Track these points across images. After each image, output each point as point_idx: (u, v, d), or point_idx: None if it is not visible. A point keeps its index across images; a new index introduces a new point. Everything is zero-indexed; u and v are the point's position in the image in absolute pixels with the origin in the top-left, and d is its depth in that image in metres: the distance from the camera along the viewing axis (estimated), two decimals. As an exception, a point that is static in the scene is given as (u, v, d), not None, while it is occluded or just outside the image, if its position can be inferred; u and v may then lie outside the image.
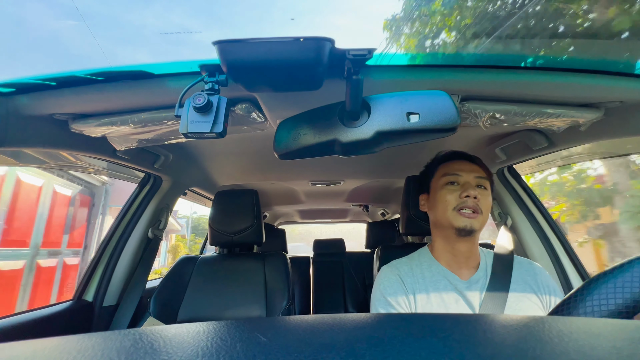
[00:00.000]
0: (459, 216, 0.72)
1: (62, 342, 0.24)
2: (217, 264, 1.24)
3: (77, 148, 0.80)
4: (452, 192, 0.75)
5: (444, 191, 0.77)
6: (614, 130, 0.75)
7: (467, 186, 0.74)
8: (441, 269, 0.77)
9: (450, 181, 0.77)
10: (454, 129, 0.47)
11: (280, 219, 3.17)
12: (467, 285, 0.74)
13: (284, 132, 0.55)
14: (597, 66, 0.60)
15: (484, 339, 0.23)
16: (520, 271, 0.76)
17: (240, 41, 0.41)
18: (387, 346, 0.22)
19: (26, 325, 0.89)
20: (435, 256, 0.80)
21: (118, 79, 0.61)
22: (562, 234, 1.14)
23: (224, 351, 0.21)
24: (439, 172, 0.82)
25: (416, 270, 0.79)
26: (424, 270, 0.78)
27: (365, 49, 0.43)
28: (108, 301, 1.16)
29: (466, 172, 0.77)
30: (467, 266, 0.77)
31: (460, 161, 0.81)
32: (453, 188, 0.76)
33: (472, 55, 0.60)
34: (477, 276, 0.75)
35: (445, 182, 0.78)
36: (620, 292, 0.31)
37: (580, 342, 0.22)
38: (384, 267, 0.84)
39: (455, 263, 0.77)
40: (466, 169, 0.78)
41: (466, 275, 0.76)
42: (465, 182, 0.76)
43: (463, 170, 0.77)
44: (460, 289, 0.73)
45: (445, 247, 0.78)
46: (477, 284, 0.73)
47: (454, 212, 0.73)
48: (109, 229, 1.23)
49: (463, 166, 0.79)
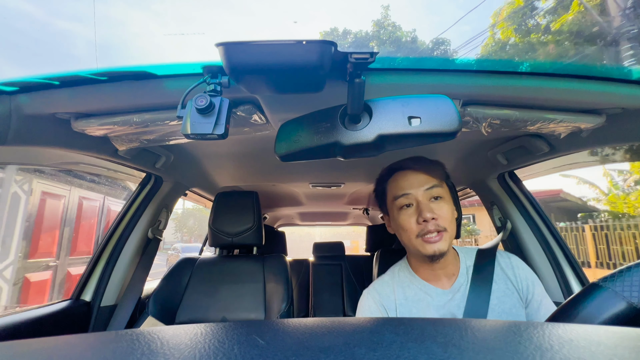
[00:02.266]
0: (425, 244, 0.68)
1: (60, 342, 0.24)
2: (216, 265, 1.24)
3: (78, 147, 0.80)
4: (409, 218, 0.70)
5: (401, 217, 0.72)
6: (615, 136, 0.75)
7: (421, 207, 0.69)
8: (422, 284, 0.76)
9: (403, 204, 0.72)
10: (456, 133, 0.47)
11: (280, 221, 3.17)
12: (449, 295, 0.73)
13: (285, 134, 0.55)
14: (599, 72, 0.60)
15: (482, 344, 0.23)
16: (499, 267, 0.75)
17: (242, 43, 0.42)
18: (385, 350, 0.22)
19: (23, 324, 0.89)
20: (414, 270, 0.79)
21: (121, 79, 0.61)
22: (561, 239, 1.13)
23: (222, 353, 0.21)
24: (389, 192, 0.77)
25: (398, 291, 0.77)
26: (405, 289, 0.77)
27: (367, 52, 0.43)
28: (106, 301, 1.15)
29: (415, 187, 0.71)
30: (446, 275, 0.75)
31: (406, 174, 0.74)
32: (409, 212, 0.71)
33: (475, 60, 0.60)
34: (459, 283, 0.74)
35: (399, 207, 0.72)
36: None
37: (580, 349, 0.22)
38: (365, 292, 0.81)
39: (434, 276, 0.76)
40: (414, 183, 0.72)
41: (447, 284, 0.75)
42: (418, 202, 0.70)
43: (412, 187, 0.71)
44: (443, 302, 0.72)
45: (422, 265, 0.77)
46: (458, 292, 0.73)
47: (418, 240, 0.69)
48: (108, 228, 1.23)
49: (410, 180, 0.73)
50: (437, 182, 0.72)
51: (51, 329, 0.97)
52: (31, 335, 0.88)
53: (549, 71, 0.59)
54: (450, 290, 0.73)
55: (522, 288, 0.73)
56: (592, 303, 0.32)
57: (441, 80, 0.60)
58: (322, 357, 0.21)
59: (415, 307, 0.74)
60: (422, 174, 0.73)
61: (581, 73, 0.60)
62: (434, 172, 0.73)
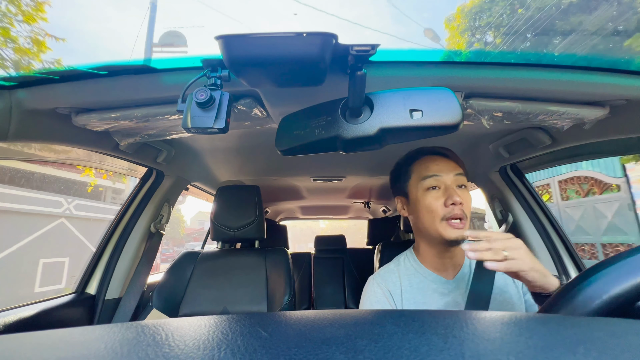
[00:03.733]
0: (449, 227, 0.68)
1: (66, 334, 0.24)
2: (218, 259, 1.25)
3: (79, 142, 0.80)
4: (436, 200, 0.70)
5: (427, 199, 0.71)
6: (619, 128, 0.74)
7: (450, 191, 0.70)
8: (427, 273, 0.77)
9: (431, 186, 0.72)
10: (458, 126, 0.47)
11: (282, 214, 3.18)
12: (454, 285, 0.74)
13: (286, 128, 0.55)
14: (603, 64, 0.60)
15: (484, 336, 0.24)
16: None
17: (242, 36, 0.41)
18: (387, 342, 0.22)
19: (29, 317, 0.90)
20: (421, 259, 0.79)
21: (120, 73, 0.61)
22: (563, 232, 1.13)
23: (225, 345, 0.21)
24: (415, 173, 0.76)
25: (403, 278, 0.78)
26: (411, 277, 0.78)
27: (368, 45, 0.43)
28: (111, 294, 1.17)
29: (445, 172, 0.72)
30: (452, 265, 0.76)
31: (435, 158, 0.75)
32: (436, 194, 0.71)
33: (476, 52, 0.59)
34: (462, 273, 0.75)
35: (426, 187, 0.72)
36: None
37: (576, 338, 0.22)
38: (370, 279, 0.82)
39: (441, 265, 0.76)
40: (444, 168, 0.73)
41: (452, 274, 0.76)
42: (447, 186, 0.71)
43: (442, 171, 0.72)
44: (448, 291, 0.73)
45: (431, 252, 0.77)
46: (462, 282, 0.74)
47: (443, 223, 0.69)
48: (111, 222, 1.24)
49: (440, 165, 0.73)
50: (462, 171, 0.75)
51: (57, 322, 0.98)
52: (37, 328, 0.89)
53: (551, 63, 0.59)
54: (455, 280, 0.74)
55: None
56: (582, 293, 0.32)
57: (443, 72, 0.59)
58: (324, 349, 0.21)
59: (420, 294, 0.74)
60: (451, 161, 0.75)
61: (584, 64, 0.59)
62: (460, 163, 0.76)
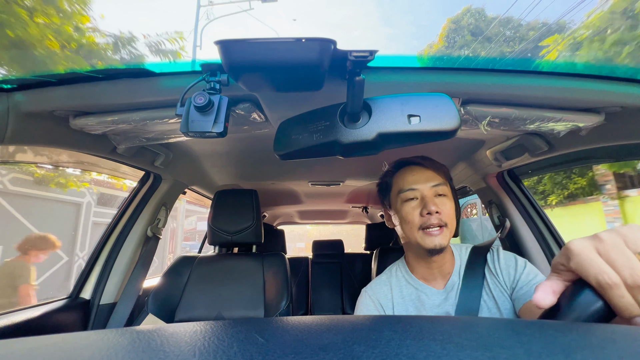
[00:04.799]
0: (426, 236, 0.70)
1: (59, 340, 0.24)
2: (215, 263, 1.24)
3: (77, 145, 0.80)
4: (413, 210, 0.72)
5: (405, 210, 0.73)
6: (614, 135, 0.75)
7: (426, 200, 0.71)
8: (418, 284, 0.77)
9: (408, 198, 0.73)
10: (455, 132, 0.47)
11: (280, 219, 3.17)
12: (444, 295, 0.74)
13: (284, 132, 0.55)
14: (598, 71, 0.60)
15: (482, 342, 0.23)
16: (487, 263, 0.76)
17: (241, 41, 0.41)
18: (384, 348, 0.22)
19: (21, 322, 0.89)
20: (411, 269, 0.80)
21: (119, 76, 0.61)
22: (560, 237, 1.14)
23: (221, 351, 0.21)
24: (394, 186, 0.78)
25: (395, 290, 0.79)
26: (402, 288, 0.78)
27: (367, 51, 0.43)
28: (106, 299, 1.15)
29: (421, 183, 0.73)
30: (441, 274, 0.76)
31: (413, 169, 0.76)
32: (413, 205, 0.72)
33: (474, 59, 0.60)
34: (452, 281, 0.75)
35: (403, 200, 0.74)
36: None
37: (575, 344, 0.22)
38: (363, 291, 0.83)
39: (430, 275, 0.77)
40: (420, 179, 0.74)
41: (441, 283, 0.76)
42: (423, 197, 0.72)
43: (418, 182, 0.73)
44: (438, 301, 0.73)
45: (419, 261, 0.78)
46: (452, 291, 0.74)
47: (420, 232, 0.70)
48: (107, 226, 1.23)
49: (417, 176, 0.74)
50: (442, 180, 0.74)
51: (50, 327, 0.97)
52: (30, 334, 0.88)
53: (548, 70, 0.59)
54: (445, 289, 0.74)
55: (503, 278, 0.72)
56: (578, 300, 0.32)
57: (441, 78, 0.60)
58: (321, 355, 0.21)
59: (412, 306, 0.75)
60: (429, 170, 0.75)
61: (580, 72, 0.60)
62: (439, 171, 0.75)
